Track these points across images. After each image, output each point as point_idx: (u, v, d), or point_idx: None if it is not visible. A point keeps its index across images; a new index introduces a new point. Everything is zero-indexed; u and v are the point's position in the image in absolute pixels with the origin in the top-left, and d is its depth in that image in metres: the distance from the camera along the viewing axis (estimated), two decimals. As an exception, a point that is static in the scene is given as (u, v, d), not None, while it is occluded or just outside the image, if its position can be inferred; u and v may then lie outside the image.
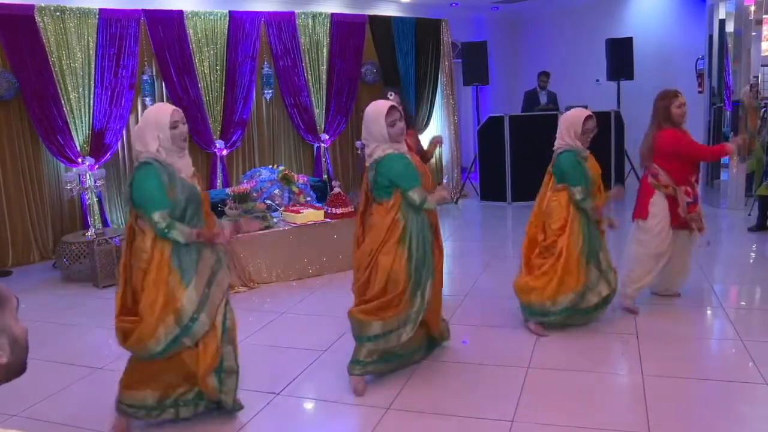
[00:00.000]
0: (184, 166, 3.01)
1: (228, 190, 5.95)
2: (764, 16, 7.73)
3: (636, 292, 4.41)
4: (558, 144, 4.08)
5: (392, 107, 3.36)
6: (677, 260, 4.45)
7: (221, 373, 3.07)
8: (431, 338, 3.79)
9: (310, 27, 8.42)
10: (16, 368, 1.08)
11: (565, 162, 3.99)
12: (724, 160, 8.05)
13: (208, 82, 7.62)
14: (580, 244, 3.94)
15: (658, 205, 4.31)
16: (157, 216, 2.82)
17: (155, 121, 2.91)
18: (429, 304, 3.46)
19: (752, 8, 7.66)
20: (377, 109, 3.34)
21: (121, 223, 7.18)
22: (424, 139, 6.04)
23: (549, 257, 4.01)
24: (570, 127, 4.01)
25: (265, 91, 8.24)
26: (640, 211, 4.40)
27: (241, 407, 3.22)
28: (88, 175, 6.28)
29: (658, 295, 4.64)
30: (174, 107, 3.00)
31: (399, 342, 3.41)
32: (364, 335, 3.40)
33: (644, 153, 4.42)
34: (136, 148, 2.96)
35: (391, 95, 4.64)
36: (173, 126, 2.92)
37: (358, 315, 3.39)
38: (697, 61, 9.12)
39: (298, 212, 5.91)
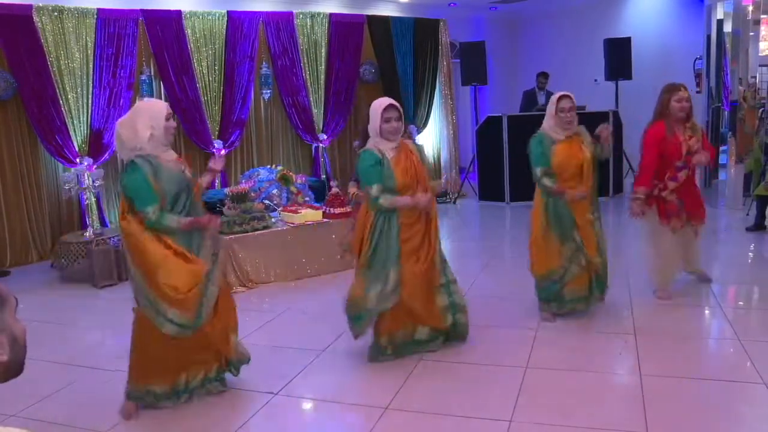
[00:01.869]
0: (168, 155, 3.15)
1: (226, 190, 5.95)
2: (762, 16, 7.75)
3: (663, 283, 4.58)
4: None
5: (392, 105, 3.49)
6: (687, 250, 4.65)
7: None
8: (438, 330, 3.83)
9: (308, 27, 8.42)
10: (15, 368, 1.08)
11: (530, 143, 4.12)
12: (722, 159, 8.08)
13: (207, 82, 7.62)
14: (543, 223, 4.12)
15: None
16: (147, 211, 3.00)
17: (150, 112, 3.07)
18: (394, 296, 3.57)
19: (750, 8, 7.68)
20: (378, 104, 3.52)
21: (120, 223, 7.18)
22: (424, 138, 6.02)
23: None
24: (549, 108, 4.11)
25: (264, 91, 8.24)
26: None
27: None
28: (86, 175, 6.28)
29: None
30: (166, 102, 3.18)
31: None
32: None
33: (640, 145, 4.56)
34: (123, 136, 3.04)
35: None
36: (167, 118, 3.08)
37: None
38: (695, 61, 9.14)
39: (296, 212, 5.91)
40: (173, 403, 3.30)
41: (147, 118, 3.03)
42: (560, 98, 4.03)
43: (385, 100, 3.52)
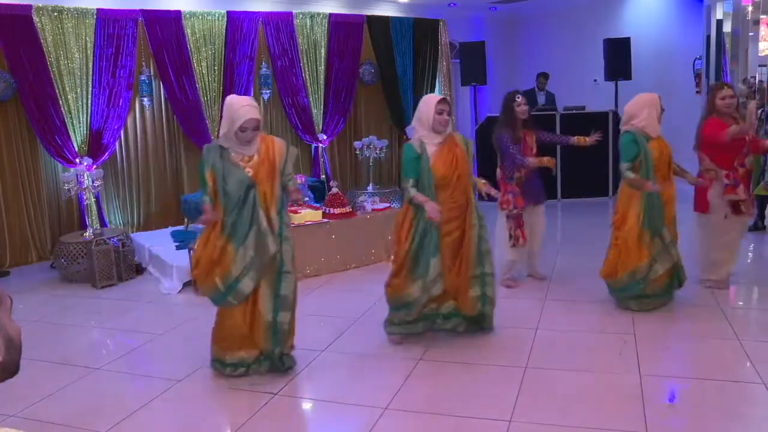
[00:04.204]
0: (245, 150, 3.45)
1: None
2: (761, 16, 7.75)
3: (722, 276, 4.76)
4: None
5: (444, 99, 3.79)
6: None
7: (276, 333, 3.50)
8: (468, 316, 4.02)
9: (308, 27, 8.42)
10: (11, 368, 1.08)
11: (622, 140, 4.35)
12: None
13: (206, 83, 7.61)
14: (640, 220, 4.25)
15: (715, 196, 4.65)
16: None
17: (232, 113, 3.37)
18: (436, 283, 3.77)
19: (749, 8, 7.68)
20: (432, 97, 3.80)
21: (119, 224, 7.18)
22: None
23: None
24: (648, 107, 4.34)
25: (263, 91, 8.24)
26: (700, 205, 4.73)
27: (291, 366, 3.64)
28: (85, 175, 6.27)
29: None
30: (255, 114, 3.41)
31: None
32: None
33: (696, 141, 4.77)
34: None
35: (518, 97, 4.91)
36: (242, 129, 3.35)
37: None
38: (694, 61, 9.14)
39: (295, 212, 5.91)
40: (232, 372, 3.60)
41: (229, 118, 3.40)
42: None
43: (438, 95, 3.85)
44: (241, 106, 3.36)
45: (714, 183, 4.61)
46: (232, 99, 3.46)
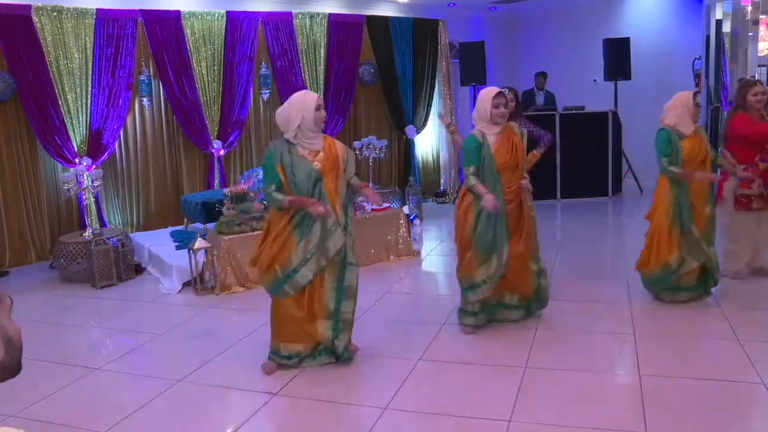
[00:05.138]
0: (311, 145, 3.56)
1: (225, 191, 5.95)
2: (761, 16, 7.75)
3: (737, 266, 4.99)
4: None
5: (501, 92, 3.99)
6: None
7: (338, 322, 3.62)
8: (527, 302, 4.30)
9: (307, 27, 8.42)
10: (11, 368, 1.08)
11: (659, 136, 4.41)
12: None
13: (206, 83, 7.61)
14: (670, 214, 4.37)
15: (729, 189, 4.85)
16: (266, 188, 3.54)
17: (301, 104, 3.51)
18: (506, 267, 4.00)
19: (749, 8, 7.68)
20: (489, 90, 4.01)
21: (119, 223, 7.18)
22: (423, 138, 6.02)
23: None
24: (681, 103, 4.37)
25: (263, 92, 8.23)
26: (718, 196, 4.90)
27: (350, 357, 3.73)
28: (85, 175, 6.27)
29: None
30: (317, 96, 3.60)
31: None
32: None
33: (723, 136, 5.00)
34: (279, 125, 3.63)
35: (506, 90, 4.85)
36: (317, 108, 3.52)
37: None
38: (694, 61, 9.14)
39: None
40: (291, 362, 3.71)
41: (298, 110, 3.53)
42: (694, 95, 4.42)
43: (495, 88, 4.01)
44: (305, 93, 3.65)
45: (730, 177, 4.81)
46: (294, 96, 3.64)
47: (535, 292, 4.26)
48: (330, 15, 8.59)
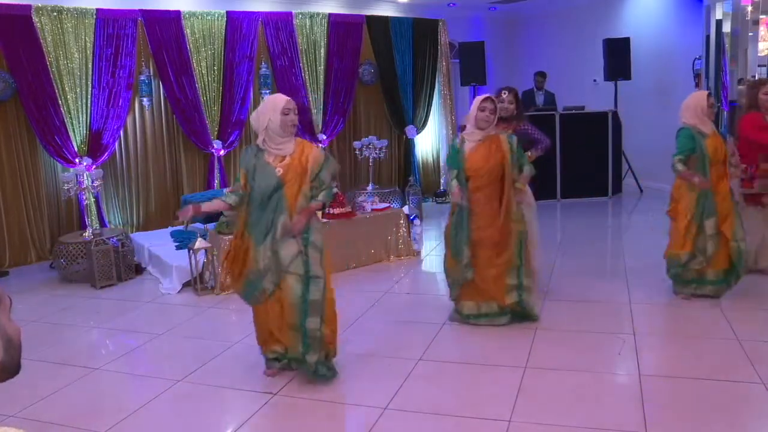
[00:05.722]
0: (279, 150, 3.44)
1: (225, 191, 5.94)
2: (761, 16, 7.74)
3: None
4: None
5: (489, 98, 4.03)
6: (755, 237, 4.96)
7: (306, 338, 3.43)
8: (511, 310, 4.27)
9: (307, 27, 8.42)
10: (11, 368, 1.07)
11: (679, 134, 4.43)
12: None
13: (206, 83, 7.61)
14: (692, 206, 4.38)
15: (735, 187, 4.77)
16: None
17: (271, 106, 3.40)
18: (469, 270, 4.12)
19: (749, 8, 7.68)
20: (481, 95, 4.06)
21: (119, 223, 7.18)
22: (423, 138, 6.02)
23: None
24: (698, 104, 4.37)
25: (263, 91, 8.23)
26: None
27: (326, 375, 3.54)
28: (85, 175, 6.27)
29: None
30: (288, 98, 3.46)
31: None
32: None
33: (733, 133, 5.05)
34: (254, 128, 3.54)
35: (504, 93, 4.82)
36: (285, 112, 3.38)
37: None
38: (694, 61, 9.13)
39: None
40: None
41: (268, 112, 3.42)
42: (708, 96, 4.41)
43: (486, 94, 4.09)
44: (278, 95, 3.51)
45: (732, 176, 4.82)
46: (268, 97, 3.62)
47: (518, 304, 4.19)
48: (330, 15, 8.59)
